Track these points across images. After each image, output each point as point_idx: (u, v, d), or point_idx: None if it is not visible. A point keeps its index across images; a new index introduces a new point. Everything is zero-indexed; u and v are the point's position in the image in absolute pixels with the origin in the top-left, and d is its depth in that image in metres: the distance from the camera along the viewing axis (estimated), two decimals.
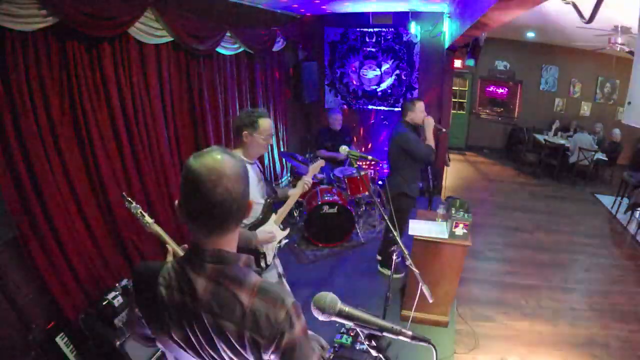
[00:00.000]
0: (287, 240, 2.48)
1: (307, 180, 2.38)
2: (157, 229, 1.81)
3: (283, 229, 2.41)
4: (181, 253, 1.34)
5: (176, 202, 0.93)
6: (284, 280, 2.58)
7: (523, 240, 4.87)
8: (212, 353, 0.94)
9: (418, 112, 3.32)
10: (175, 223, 3.47)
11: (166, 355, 1.06)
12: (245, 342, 0.89)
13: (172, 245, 1.66)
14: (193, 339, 0.94)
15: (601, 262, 4.39)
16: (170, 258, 1.40)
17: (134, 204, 1.86)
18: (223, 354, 0.93)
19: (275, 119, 5.43)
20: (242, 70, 4.47)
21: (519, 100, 9.08)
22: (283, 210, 2.37)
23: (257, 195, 2.18)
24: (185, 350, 0.97)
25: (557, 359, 2.90)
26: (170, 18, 3.07)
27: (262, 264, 2.30)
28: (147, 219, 1.83)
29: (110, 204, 2.82)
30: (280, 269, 2.53)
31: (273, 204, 2.34)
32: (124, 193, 1.92)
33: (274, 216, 2.34)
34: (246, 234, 2.12)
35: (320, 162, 2.54)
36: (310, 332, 1.30)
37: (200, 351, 0.95)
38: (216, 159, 0.89)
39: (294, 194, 2.39)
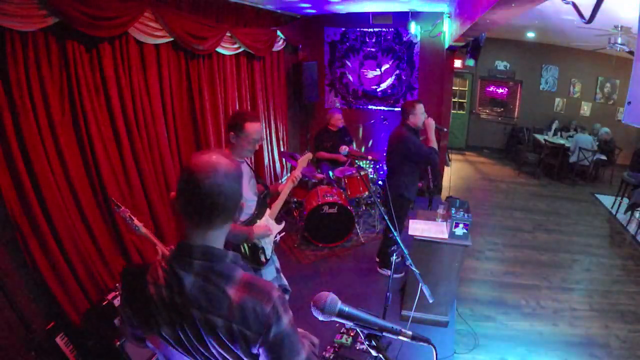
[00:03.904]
0: (283, 233, 2.51)
1: (296, 174, 2.41)
2: (146, 231, 1.86)
3: (279, 224, 2.45)
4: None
5: (172, 194, 0.96)
6: (282, 275, 2.61)
7: (523, 240, 4.87)
8: (202, 349, 0.95)
9: (419, 115, 3.31)
10: (175, 222, 3.47)
11: (157, 354, 1.07)
12: (234, 336, 0.91)
13: (160, 246, 1.69)
14: (182, 336, 0.95)
15: (601, 262, 4.39)
16: (159, 258, 1.44)
17: (122, 207, 1.92)
18: (212, 349, 0.94)
19: (275, 119, 5.43)
20: (242, 70, 4.47)
21: (519, 100, 9.08)
22: (277, 205, 2.40)
23: (249, 192, 2.22)
24: (175, 348, 0.98)
25: (557, 359, 2.90)
26: (170, 18, 3.07)
27: (262, 259, 2.32)
28: (136, 222, 1.89)
29: (111, 204, 2.82)
30: (278, 264, 2.57)
31: (266, 199, 2.38)
32: (112, 198, 1.96)
33: (268, 211, 2.37)
34: (242, 230, 2.13)
35: (308, 155, 2.55)
36: (299, 329, 1.31)
37: (190, 348, 0.96)
38: (211, 157, 0.96)
39: (285, 188, 2.42)
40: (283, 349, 0.93)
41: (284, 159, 5.69)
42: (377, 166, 5.47)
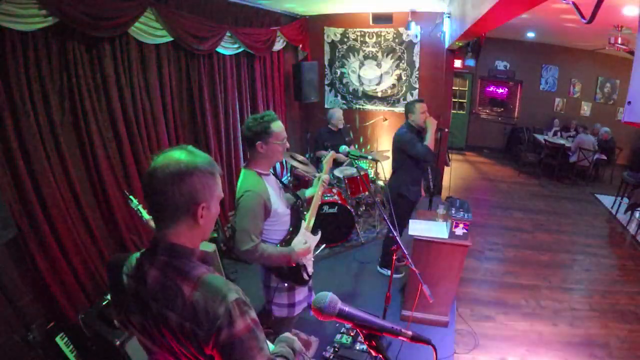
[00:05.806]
0: (323, 246, 2.36)
1: (324, 177, 2.29)
2: (153, 224, 1.95)
3: (314, 234, 2.27)
4: None
5: None
6: (313, 293, 2.42)
7: (523, 240, 4.87)
8: (162, 341, 0.97)
9: (418, 114, 3.33)
10: None
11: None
12: (186, 333, 0.92)
13: None
14: (147, 327, 0.98)
15: (601, 262, 4.39)
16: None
17: (134, 200, 2.03)
18: (170, 342, 0.95)
19: None
20: (242, 70, 4.47)
21: (519, 100, 9.08)
22: (311, 215, 2.23)
23: (281, 206, 2.04)
24: (143, 337, 1.02)
25: (557, 359, 2.90)
26: (170, 18, 3.07)
27: (305, 277, 2.14)
28: (145, 214, 2.00)
29: (111, 204, 2.82)
30: (311, 282, 2.33)
31: (299, 211, 2.20)
32: (125, 190, 2.02)
33: (303, 223, 2.20)
34: (283, 252, 1.98)
35: (332, 155, 2.40)
36: (287, 334, 1.29)
37: (154, 338, 0.99)
38: (169, 153, 0.97)
39: (316, 194, 2.25)
40: (234, 354, 0.90)
41: (284, 159, 5.68)
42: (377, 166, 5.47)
